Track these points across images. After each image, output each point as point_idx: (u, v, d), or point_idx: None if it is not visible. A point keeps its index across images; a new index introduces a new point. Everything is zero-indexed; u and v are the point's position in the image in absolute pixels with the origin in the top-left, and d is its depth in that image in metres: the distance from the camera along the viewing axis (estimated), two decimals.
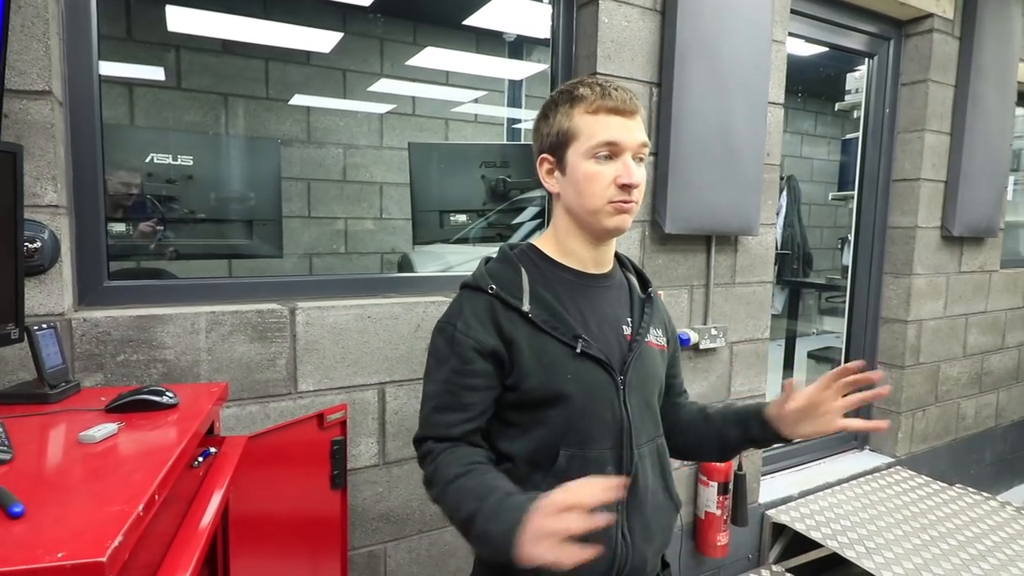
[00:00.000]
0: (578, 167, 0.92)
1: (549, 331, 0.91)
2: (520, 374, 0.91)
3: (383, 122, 3.38)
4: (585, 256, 0.99)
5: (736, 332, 2.25)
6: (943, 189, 2.92)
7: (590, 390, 0.93)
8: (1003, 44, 2.89)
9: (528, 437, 0.93)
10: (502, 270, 0.97)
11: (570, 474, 0.90)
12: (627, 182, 0.90)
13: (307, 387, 1.47)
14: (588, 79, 0.94)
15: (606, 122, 0.90)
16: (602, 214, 0.92)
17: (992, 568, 2.12)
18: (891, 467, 2.93)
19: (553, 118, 0.94)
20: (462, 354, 0.90)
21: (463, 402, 0.91)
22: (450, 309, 0.97)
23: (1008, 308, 3.41)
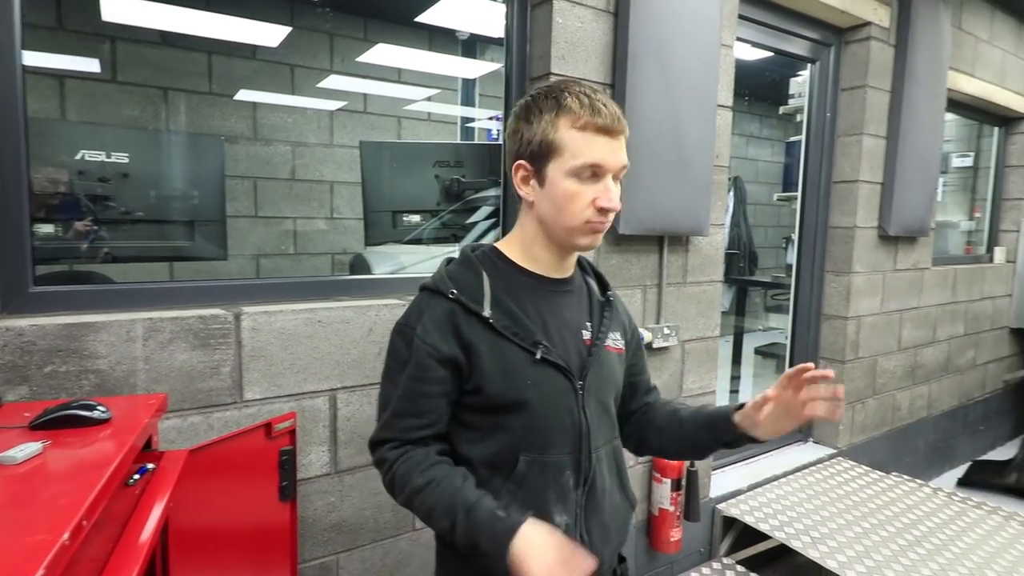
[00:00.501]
0: (558, 184, 0.90)
1: (510, 337, 0.91)
2: (481, 379, 0.90)
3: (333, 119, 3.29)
4: (550, 263, 0.98)
5: (688, 330, 2.29)
6: (880, 191, 3.06)
7: (550, 396, 0.93)
8: (934, 53, 3.04)
9: (488, 441, 0.94)
10: (463, 274, 0.95)
11: (529, 479, 0.92)
12: (607, 206, 0.90)
13: (254, 395, 1.41)
14: (575, 87, 0.91)
15: (593, 142, 0.88)
16: (577, 233, 0.92)
17: (928, 553, 2.22)
18: (833, 458, 3.05)
19: (536, 125, 0.91)
20: (420, 360, 0.90)
21: (420, 408, 0.92)
22: (409, 311, 0.96)
23: (938, 304, 3.60)
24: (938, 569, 2.12)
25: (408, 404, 0.92)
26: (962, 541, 2.33)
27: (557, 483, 0.94)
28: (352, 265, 2.60)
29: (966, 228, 4.38)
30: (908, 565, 2.13)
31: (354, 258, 2.69)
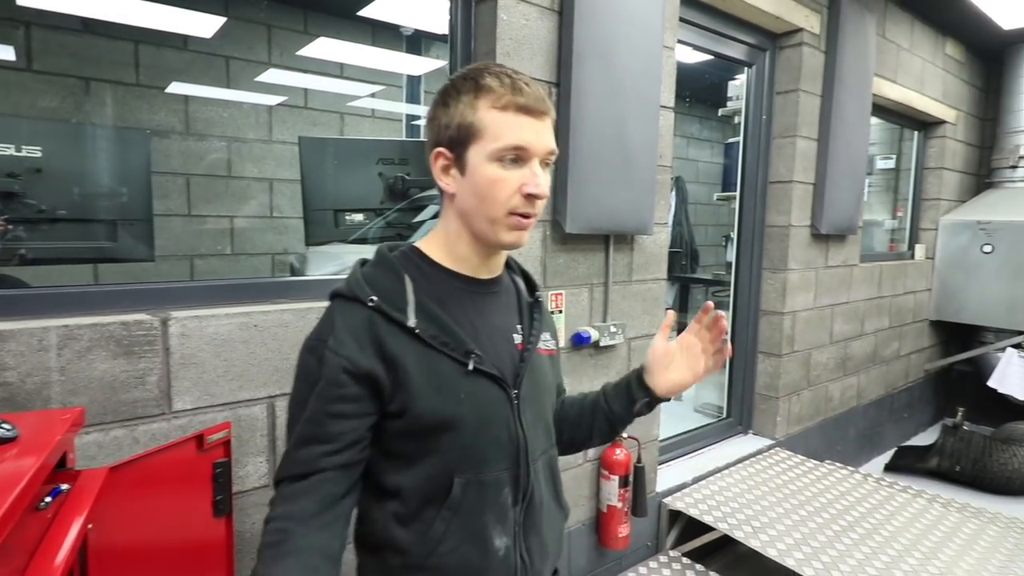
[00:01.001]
0: (480, 169, 0.82)
1: (439, 348, 0.83)
2: (408, 398, 0.81)
3: (272, 114, 3.17)
4: (476, 263, 0.91)
5: (633, 328, 2.32)
6: (812, 191, 3.19)
7: (485, 410, 0.86)
8: (860, 59, 3.20)
9: (417, 467, 0.84)
10: (382, 277, 0.85)
11: (466, 503, 0.85)
12: (534, 192, 0.83)
13: (184, 406, 1.33)
14: (495, 67, 0.85)
15: (516, 122, 0.81)
16: (500, 226, 0.84)
17: (860, 537, 2.33)
18: (771, 448, 3.16)
19: (454, 108, 0.83)
20: (332, 376, 0.79)
21: (329, 432, 0.80)
22: (321, 324, 0.85)
23: (866, 299, 3.79)
24: (870, 552, 2.22)
25: (314, 428, 0.80)
26: (891, 524, 2.45)
27: (496, 503, 0.87)
28: (292, 267, 2.50)
29: (889, 227, 4.62)
30: (843, 550, 2.22)
31: (296, 259, 2.59)
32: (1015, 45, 4.21)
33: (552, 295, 2.02)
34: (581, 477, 2.23)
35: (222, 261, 3.00)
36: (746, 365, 3.25)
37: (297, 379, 0.85)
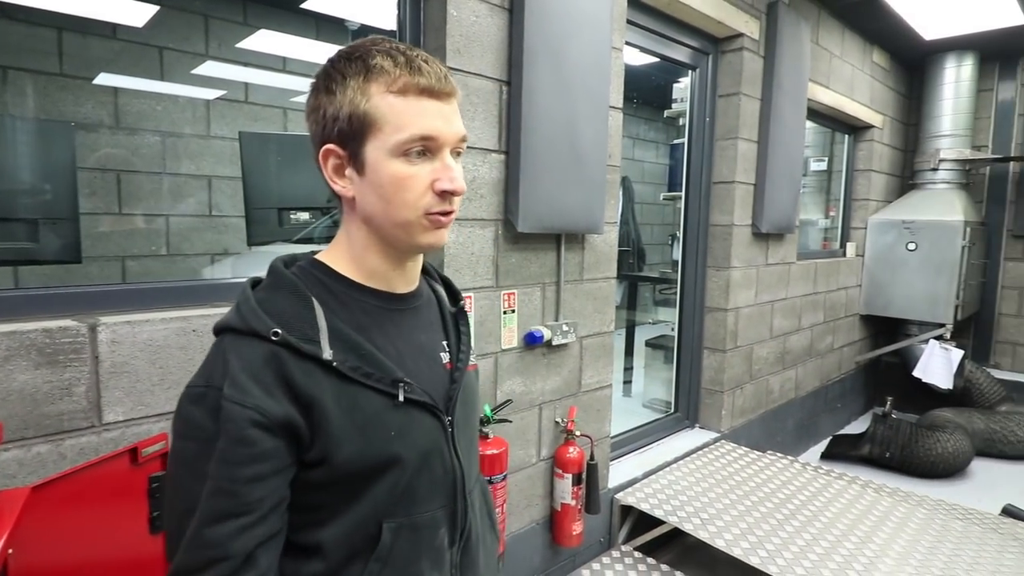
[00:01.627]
0: (383, 167, 0.69)
1: (361, 380, 0.70)
2: (329, 445, 0.67)
3: (210, 109, 3.02)
4: (391, 275, 0.78)
5: (585, 327, 2.34)
6: (753, 191, 3.30)
7: (419, 444, 0.75)
8: (797, 65, 3.33)
9: (341, 519, 0.71)
10: (283, 302, 0.70)
11: (397, 551, 0.73)
12: (449, 188, 0.71)
13: (115, 417, 1.25)
14: (384, 42, 0.71)
15: (419, 108, 0.69)
16: (415, 228, 0.72)
17: (802, 524, 2.43)
18: (717, 441, 3.26)
19: (341, 95, 0.69)
20: (238, 433, 0.63)
21: (247, 500, 0.64)
22: (206, 366, 0.68)
23: (802, 295, 3.95)
24: (811, 539, 2.31)
25: (226, 500, 0.63)
26: (830, 511, 2.57)
27: (431, 547, 0.77)
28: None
29: (823, 226, 4.84)
30: (786, 538, 2.31)
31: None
32: (935, 54, 4.49)
33: (505, 294, 2.01)
34: (535, 476, 2.23)
35: (157, 262, 2.84)
36: (692, 361, 3.34)
37: (179, 437, 0.67)
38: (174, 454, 0.68)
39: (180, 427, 0.67)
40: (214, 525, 0.63)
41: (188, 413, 0.66)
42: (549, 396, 2.23)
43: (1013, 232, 4.71)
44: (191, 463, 0.65)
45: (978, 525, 2.69)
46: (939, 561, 2.23)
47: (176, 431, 0.68)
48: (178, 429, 0.67)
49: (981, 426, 4.05)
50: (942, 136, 4.53)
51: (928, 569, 2.17)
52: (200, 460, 0.64)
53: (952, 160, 4.49)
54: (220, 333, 0.70)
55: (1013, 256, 4.75)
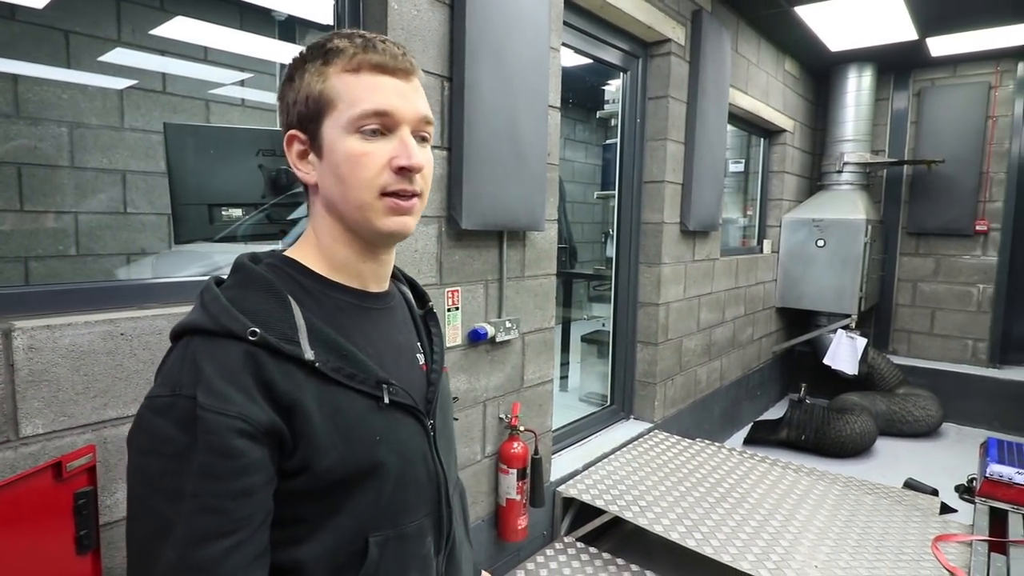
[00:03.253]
0: (338, 145, 0.68)
1: (344, 382, 0.67)
2: (311, 451, 0.63)
3: (124, 99, 2.81)
4: (363, 270, 0.75)
5: (527, 323, 2.36)
6: (680, 190, 3.44)
7: (404, 450, 0.72)
8: (719, 70, 3.50)
9: (324, 534, 0.67)
10: (258, 300, 0.66)
11: (385, 566, 0.70)
12: (406, 164, 0.68)
13: (35, 430, 1.15)
14: (346, 31, 0.71)
15: (373, 83, 0.68)
16: (372, 212, 0.69)
17: (731, 506, 2.55)
18: (651, 431, 3.37)
19: (299, 80, 0.69)
20: (222, 445, 0.58)
21: (235, 517, 0.59)
22: (172, 372, 0.62)
23: (726, 289, 4.16)
24: (741, 519, 2.44)
25: (214, 519, 0.58)
26: (756, 492, 2.72)
27: (418, 556, 0.74)
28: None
29: (742, 224, 5.12)
30: (718, 519, 2.43)
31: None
32: (839, 65, 4.84)
33: (449, 292, 1.99)
34: (480, 473, 2.23)
35: (65, 263, 2.61)
36: (626, 354, 3.44)
37: (141, 453, 0.60)
38: (136, 472, 0.61)
39: (142, 442, 0.61)
40: (203, 546, 0.57)
41: (152, 426, 0.60)
42: (493, 393, 2.24)
43: (908, 230, 5.16)
44: (157, 481, 0.59)
45: (886, 498, 2.93)
46: (854, 532, 2.41)
47: (137, 447, 0.61)
48: (140, 444, 0.61)
49: (883, 408, 4.42)
50: (846, 141, 4.89)
51: (845, 540, 2.34)
52: (167, 477, 0.58)
53: (854, 163, 4.87)
54: (183, 335, 0.64)
55: (907, 252, 5.21)
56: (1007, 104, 4.73)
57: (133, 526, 0.61)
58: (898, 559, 2.22)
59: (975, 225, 4.86)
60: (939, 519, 2.66)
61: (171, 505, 0.58)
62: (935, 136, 4.94)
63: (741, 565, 2.11)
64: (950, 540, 2.37)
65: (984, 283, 4.90)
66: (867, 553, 2.26)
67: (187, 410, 0.59)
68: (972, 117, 4.80)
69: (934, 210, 4.99)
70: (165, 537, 0.58)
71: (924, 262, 5.14)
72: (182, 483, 0.58)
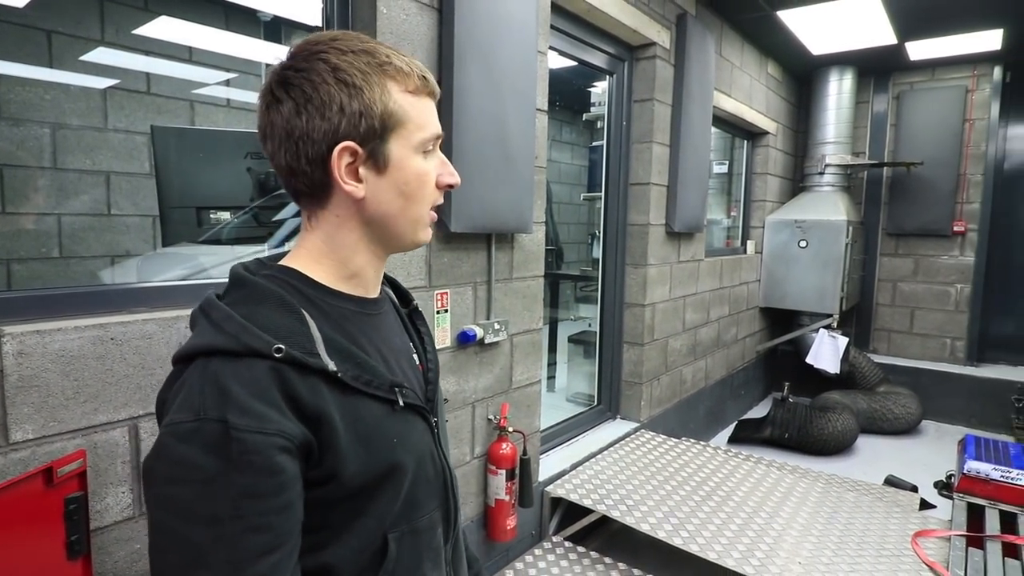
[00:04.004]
0: (409, 164, 0.71)
1: (362, 389, 0.69)
2: (336, 461, 0.65)
3: (108, 99, 2.78)
4: (370, 278, 0.77)
5: (515, 325, 2.38)
6: (666, 192, 3.47)
7: (416, 449, 0.75)
8: (703, 73, 3.54)
9: (349, 537, 0.69)
10: (272, 315, 0.66)
11: (403, 560, 0.73)
12: (452, 182, 0.76)
13: (24, 435, 1.14)
14: (376, 43, 0.71)
15: (429, 107, 0.73)
16: (420, 225, 0.75)
17: (717, 504, 2.59)
18: (637, 431, 3.41)
19: (368, 92, 0.67)
20: (264, 463, 0.58)
21: (281, 532, 0.60)
22: (191, 397, 0.60)
23: (710, 290, 4.21)
24: (726, 517, 2.48)
25: (263, 536, 0.59)
26: (741, 490, 2.76)
27: (431, 548, 0.78)
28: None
29: (726, 225, 5.18)
30: (704, 518, 2.46)
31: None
32: (821, 68, 4.92)
33: (438, 294, 2.01)
34: (469, 474, 2.25)
35: (47, 266, 2.58)
36: (613, 355, 3.47)
37: (166, 482, 0.59)
38: (162, 502, 0.59)
39: (167, 471, 0.59)
40: (253, 565, 0.58)
41: (177, 454, 0.59)
42: (482, 394, 2.25)
43: (887, 230, 5.25)
44: (188, 510, 0.58)
45: (867, 495, 2.99)
46: (836, 529, 2.46)
47: (160, 476, 0.59)
48: (164, 473, 0.59)
49: (864, 406, 4.50)
50: (827, 143, 4.97)
51: (828, 536, 2.39)
52: (200, 504, 0.57)
53: (836, 165, 4.95)
54: (196, 357, 0.63)
55: (887, 252, 5.30)
56: (983, 107, 4.84)
57: (163, 556, 0.59)
58: (879, 555, 2.27)
59: (953, 226, 4.97)
60: (918, 515, 2.73)
61: (207, 531, 0.57)
62: (914, 138, 5.04)
63: (726, 562, 2.15)
64: (929, 535, 2.43)
65: (962, 283, 5.00)
66: (848, 549, 2.30)
67: (215, 434, 0.58)
68: (950, 120, 4.91)
69: (913, 211, 5.09)
70: (202, 564, 0.57)
71: (904, 262, 5.24)
72: (216, 508, 0.57)
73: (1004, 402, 4.59)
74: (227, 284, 0.71)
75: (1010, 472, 2.56)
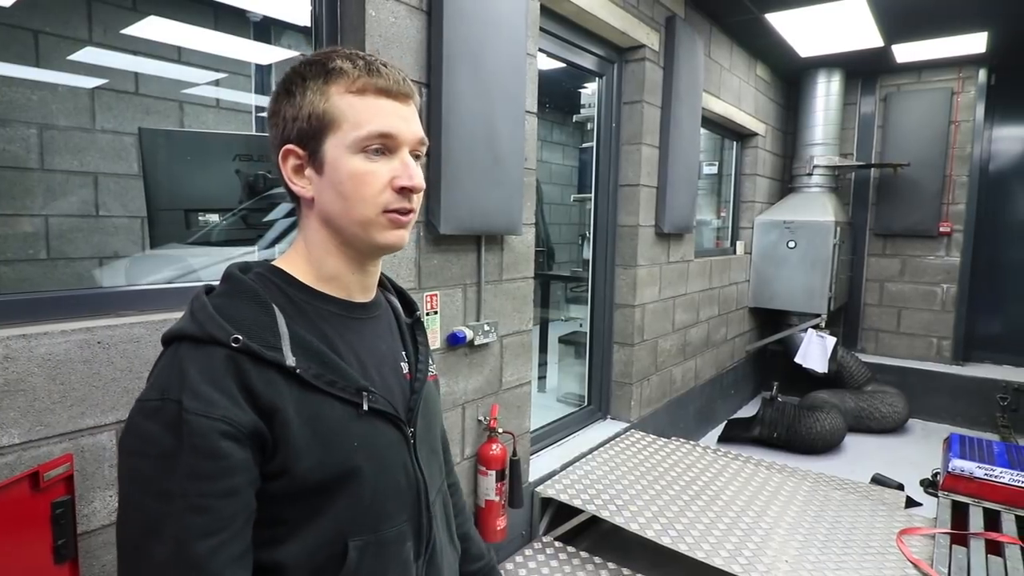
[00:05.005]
0: (342, 164, 0.71)
1: (324, 389, 0.69)
2: (289, 455, 0.66)
3: (96, 100, 2.77)
4: (351, 281, 0.78)
5: (505, 326, 2.39)
6: (655, 194, 3.49)
7: (382, 457, 0.74)
8: (692, 75, 3.56)
9: (301, 536, 0.69)
10: (243, 308, 0.69)
11: (364, 570, 0.72)
12: (408, 184, 0.72)
13: (10, 440, 1.14)
14: (343, 49, 0.74)
15: (377, 107, 0.72)
16: (374, 227, 0.73)
17: (706, 503, 2.61)
18: (627, 431, 3.43)
19: (301, 97, 0.71)
20: (207, 447, 0.61)
21: (222, 516, 0.62)
22: (160, 378, 0.65)
23: (700, 290, 4.24)
24: (715, 516, 2.50)
25: (201, 517, 0.61)
26: (729, 489, 2.78)
27: (397, 562, 0.76)
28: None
29: (715, 226, 5.21)
30: (693, 517, 2.48)
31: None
32: (809, 70, 4.96)
33: (427, 296, 2.01)
34: (459, 475, 2.25)
35: (35, 267, 2.56)
36: (603, 355, 3.49)
37: (131, 455, 0.63)
38: (127, 473, 0.64)
39: (133, 444, 0.64)
40: (192, 543, 0.60)
41: (142, 428, 0.63)
42: (472, 395, 2.26)
43: (875, 231, 5.31)
44: (147, 481, 0.62)
45: (853, 494, 3.03)
46: (823, 528, 2.49)
47: (128, 449, 0.64)
48: (130, 446, 0.64)
49: (852, 405, 4.54)
50: (815, 144, 5.02)
51: (815, 535, 2.41)
52: (157, 477, 0.61)
53: (824, 166, 4.99)
54: (172, 342, 0.67)
55: (875, 252, 5.36)
56: (969, 109, 4.90)
57: (124, 525, 0.63)
58: (864, 552, 2.30)
59: (939, 226, 5.02)
60: (904, 513, 2.76)
61: (160, 504, 0.61)
62: (901, 140, 5.09)
63: (714, 561, 2.17)
64: (914, 533, 2.46)
65: (948, 283, 5.06)
66: (835, 547, 2.33)
67: (173, 413, 0.61)
68: (936, 122, 4.96)
69: (900, 212, 5.15)
70: (156, 535, 0.60)
71: (891, 263, 5.30)
72: (170, 483, 0.61)
73: (989, 400, 4.65)
74: (220, 280, 0.74)
75: (994, 470, 2.60)
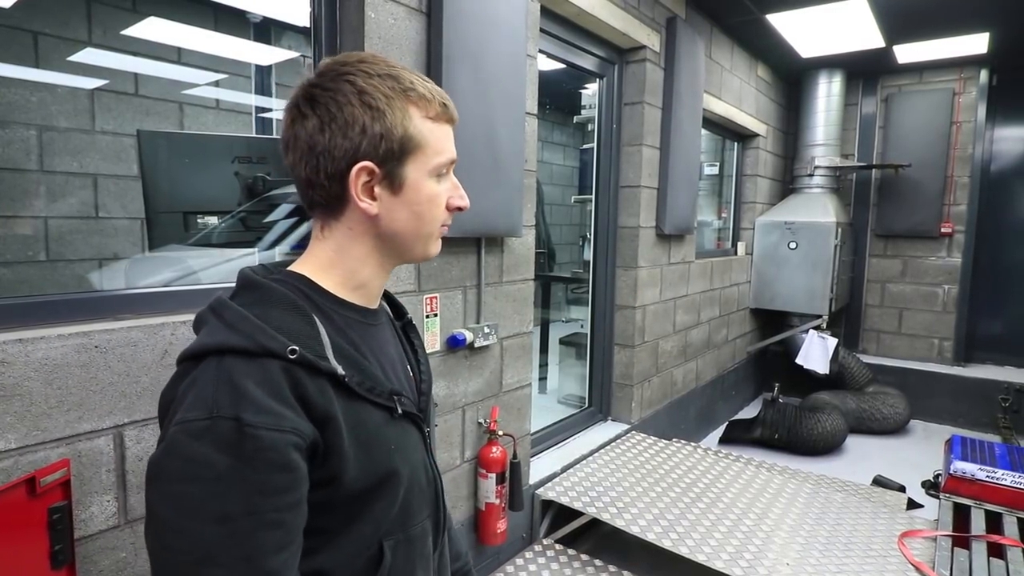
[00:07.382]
0: (423, 186, 0.75)
1: (365, 395, 0.70)
2: (339, 463, 0.66)
3: (95, 101, 2.76)
4: (375, 289, 0.80)
5: (505, 328, 2.38)
6: (656, 195, 3.48)
7: (411, 457, 0.77)
8: (693, 76, 3.55)
9: (344, 541, 0.70)
10: (285, 317, 0.68)
11: (396, 567, 0.75)
12: (462, 204, 0.80)
13: (7, 445, 1.13)
14: (401, 69, 0.74)
15: (446, 134, 0.77)
16: (431, 240, 0.79)
17: (707, 505, 2.60)
18: (628, 432, 3.42)
19: (390, 115, 0.71)
20: (280, 459, 0.60)
21: (292, 528, 0.62)
22: (202, 395, 0.61)
23: (701, 291, 4.23)
24: (716, 519, 2.49)
25: (278, 532, 0.60)
26: (731, 491, 2.77)
27: (422, 555, 0.80)
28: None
29: (716, 227, 5.20)
30: (693, 519, 2.47)
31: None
32: (810, 71, 4.95)
33: (427, 298, 2.00)
34: (459, 478, 2.25)
35: (35, 269, 2.56)
36: (604, 356, 3.48)
37: (176, 480, 0.59)
38: (171, 500, 0.59)
39: (178, 468, 0.59)
40: (268, 560, 0.59)
41: (189, 451, 0.59)
42: (472, 398, 2.25)
43: (876, 232, 5.29)
44: (200, 507, 0.58)
45: (855, 495, 3.02)
46: (824, 530, 2.48)
47: (170, 474, 0.60)
48: (174, 471, 0.59)
49: (853, 406, 4.53)
50: (816, 145, 5.00)
51: (816, 537, 2.41)
52: (211, 501, 0.58)
53: (825, 167, 4.98)
54: (207, 356, 0.64)
55: (876, 253, 5.34)
56: (970, 110, 4.88)
57: (169, 555, 0.59)
58: (866, 555, 2.29)
59: (940, 227, 5.01)
60: (906, 515, 2.75)
61: (218, 529, 0.58)
62: (902, 141, 5.08)
63: (715, 564, 2.16)
64: (915, 536, 2.45)
65: (949, 284, 5.05)
66: (836, 550, 2.32)
67: (228, 431, 0.59)
68: (937, 122, 4.95)
69: (901, 213, 5.13)
70: (212, 562, 0.57)
71: (892, 263, 5.28)
72: (228, 505, 0.58)
73: (991, 402, 4.64)
74: (236, 287, 0.73)
75: (995, 472, 2.59)
